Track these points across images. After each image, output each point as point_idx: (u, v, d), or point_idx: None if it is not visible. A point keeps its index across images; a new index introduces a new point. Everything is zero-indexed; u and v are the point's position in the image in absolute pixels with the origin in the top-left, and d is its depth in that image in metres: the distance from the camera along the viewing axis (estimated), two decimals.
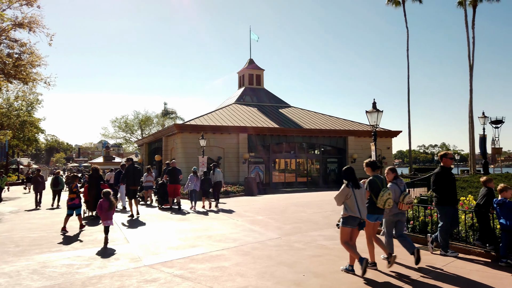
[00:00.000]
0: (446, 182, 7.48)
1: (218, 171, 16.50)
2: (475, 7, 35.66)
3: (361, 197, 6.13)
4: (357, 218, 6.08)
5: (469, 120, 33.23)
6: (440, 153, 7.78)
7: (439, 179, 7.47)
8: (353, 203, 6.03)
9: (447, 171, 7.61)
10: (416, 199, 12.18)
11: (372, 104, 11.05)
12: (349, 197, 6.05)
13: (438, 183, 7.47)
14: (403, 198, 6.72)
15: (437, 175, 7.54)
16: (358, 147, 31.27)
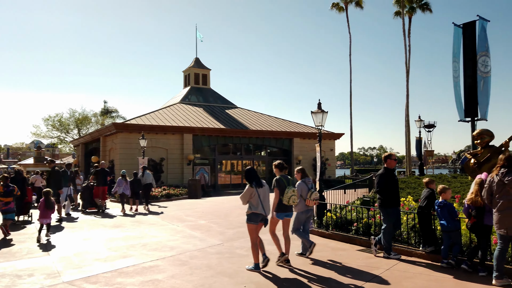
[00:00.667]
0: (390, 183, 7.38)
1: (147, 173, 16.31)
2: (410, 17, 37.79)
3: (264, 195, 6.51)
4: (260, 214, 6.42)
5: (406, 124, 35.04)
6: (384, 154, 7.68)
7: (383, 181, 7.36)
8: (256, 201, 6.39)
9: (390, 172, 7.52)
10: (358, 200, 12.24)
11: (317, 104, 10.89)
12: (253, 196, 6.39)
13: (382, 184, 7.35)
14: (310, 195, 7.35)
15: (381, 177, 7.42)
16: (303, 148, 31.61)
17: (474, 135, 7.79)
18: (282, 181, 6.85)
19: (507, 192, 5.41)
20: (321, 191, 10.78)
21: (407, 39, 35.91)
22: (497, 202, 5.54)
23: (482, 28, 17.63)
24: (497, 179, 5.58)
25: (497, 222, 5.52)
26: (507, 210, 5.37)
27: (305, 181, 7.51)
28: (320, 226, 10.03)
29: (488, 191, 5.72)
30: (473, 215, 6.17)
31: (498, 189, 5.54)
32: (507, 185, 5.42)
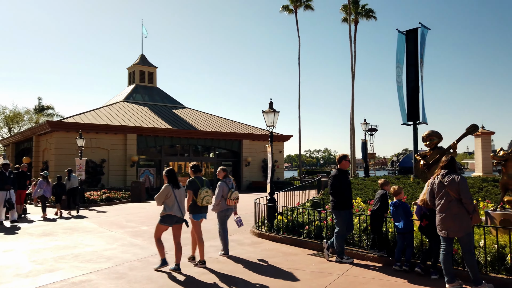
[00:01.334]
0: (343, 185, 7.16)
1: (74, 176, 15.60)
2: (356, 24, 39.11)
3: (181, 196, 6.49)
4: (174, 216, 6.42)
5: (351, 127, 36.09)
6: (339, 155, 7.45)
7: (337, 183, 7.12)
8: (172, 203, 6.37)
9: (344, 174, 7.31)
10: (309, 202, 12.07)
11: (269, 104, 10.53)
12: (169, 197, 6.36)
13: (335, 186, 7.11)
14: (230, 194, 7.55)
15: (334, 178, 7.18)
16: (253, 150, 31.35)
17: (423, 136, 7.83)
18: (195, 183, 6.83)
19: (447, 193, 5.33)
20: (272, 193, 10.42)
21: (353, 45, 37.09)
22: (438, 204, 5.46)
23: (422, 35, 18.43)
24: (437, 180, 5.51)
25: (439, 223, 5.44)
26: (447, 211, 5.30)
27: (226, 181, 7.68)
28: (271, 229, 9.65)
29: (430, 193, 5.63)
30: (425, 217, 6.08)
31: (439, 190, 5.45)
32: (446, 186, 5.35)
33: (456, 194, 5.28)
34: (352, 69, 36.15)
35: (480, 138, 25.26)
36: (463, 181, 5.29)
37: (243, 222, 8.25)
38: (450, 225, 5.29)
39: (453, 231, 5.29)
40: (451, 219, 5.28)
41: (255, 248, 8.49)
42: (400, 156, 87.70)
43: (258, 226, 10.26)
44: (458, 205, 5.27)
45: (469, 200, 5.25)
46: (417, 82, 18.08)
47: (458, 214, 5.25)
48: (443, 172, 5.52)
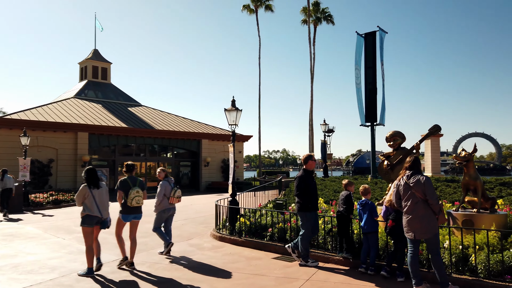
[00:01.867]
0: (310, 186, 6.94)
1: (8, 177, 14.77)
2: (315, 26, 39.70)
3: (101, 197, 6.34)
4: (95, 217, 6.29)
5: (309, 128, 36.56)
6: (304, 155, 7.23)
7: (303, 184, 6.88)
8: (91, 203, 6.25)
9: (310, 174, 7.09)
10: (271, 203, 11.82)
11: (231, 102, 10.14)
12: (87, 197, 6.23)
13: (301, 187, 6.87)
14: (174, 193, 7.71)
15: (300, 179, 6.93)
16: (212, 150, 30.77)
17: (387, 137, 7.81)
18: (126, 183, 6.72)
19: (413, 194, 5.25)
20: (234, 194, 10.03)
21: (312, 47, 37.62)
22: (404, 205, 5.37)
23: (381, 39, 18.84)
24: (403, 181, 5.41)
25: (406, 225, 5.34)
26: (414, 212, 5.21)
27: (168, 180, 7.81)
28: (232, 232, 9.26)
29: (396, 195, 5.52)
30: (392, 218, 5.99)
31: (405, 192, 5.36)
32: (412, 187, 5.26)
33: (422, 195, 5.19)
34: (311, 71, 36.63)
35: (430, 140, 26.38)
36: (428, 182, 5.21)
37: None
38: (417, 226, 5.19)
39: (421, 232, 5.20)
40: (418, 220, 5.19)
41: (216, 253, 8.07)
42: (355, 157, 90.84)
43: (219, 229, 9.85)
44: (424, 206, 5.19)
45: (435, 200, 5.19)
46: (375, 84, 18.47)
47: (424, 215, 5.16)
48: (408, 173, 5.42)
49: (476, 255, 5.57)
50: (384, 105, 18.26)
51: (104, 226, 6.51)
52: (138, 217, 6.95)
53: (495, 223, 6.20)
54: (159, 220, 7.83)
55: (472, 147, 6.82)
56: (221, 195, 22.63)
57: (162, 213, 7.80)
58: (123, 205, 6.73)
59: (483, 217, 6.33)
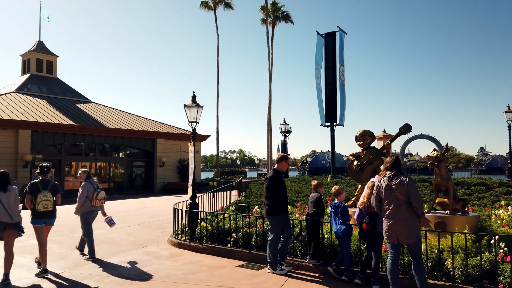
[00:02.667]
0: (280, 188, 6.46)
1: None
2: (274, 26, 39.60)
3: (9, 200, 5.97)
4: (1, 222, 5.90)
5: (268, 128, 36.32)
6: (279, 155, 6.75)
7: (273, 185, 6.38)
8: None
9: (281, 176, 6.61)
10: (233, 206, 11.23)
11: (191, 97, 9.44)
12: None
13: (272, 189, 6.37)
14: (96, 195, 7.46)
15: (271, 180, 6.43)
16: (168, 150, 29.60)
17: (357, 136, 7.52)
18: (36, 186, 6.42)
19: (396, 197, 4.92)
20: (194, 196, 9.33)
21: (271, 46, 37.42)
22: (386, 209, 5.02)
23: (341, 39, 18.88)
24: (384, 183, 5.06)
25: (387, 230, 4.98)
26: (397, 216, 4.87)
27: (90, 182, 7.59)
28: (192, 238, 8.59)
29: (377, 198, 5.16)
30: (366, 222, 5.65)
31: (387, 194, 5.01)
32: (394, 189, 4.93)
33: (405, 197, 4.87)
34: (269, 70, 36.43)
35: (382, 141, 27.19)
36: (412, 183, 4.91)
37: (114, 221, 7.93)
38: (400, 231, 4.86)
39: (404, 237, 4.87)
40: (401, 224, 4.86)
41: (175, 262, 7.36)
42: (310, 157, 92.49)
43: (177, 234, 9.11)
44: (407, 209, 4.87)
45: (419, 203, 4.88)
46: (334, 85, 18.44)
47: (408, 218, 4.85)
48: (389, 174, 5.08)
49: (453, 260, 5.35)
50: (344, 105, 18.29)
51: (19, 230, 6.08)
52: (49, 223, 6.56)
53: (467, 225, 6.06)
54: (86, 224, 7.46)
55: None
56: (178, 197, 21.68)
57: (86, 217, 7.46)
58: (32, 210, 6.42)
59: (455, 219, 6.18)
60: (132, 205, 17.51)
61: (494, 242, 5.17)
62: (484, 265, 5.18)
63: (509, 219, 7.46)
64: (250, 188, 16.14)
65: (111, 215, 8.32)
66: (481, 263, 5.14)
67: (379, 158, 7.24)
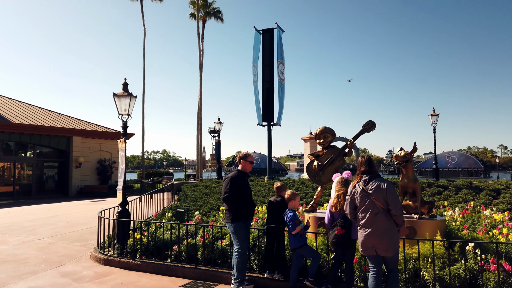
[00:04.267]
0: (244, 190, 5.48)
1: None
2: (204, 22, 38.31)
3: None
4: None
5: (198, 127, 34.91)
6: (241, 153, 5.75)
7: (235, 186, 5.37)
8: None
9: (245, 176, 5.63)
10: (169, 212, 9.90)
11: (122, 85, 7.99)
12: None
13: (233, 190, 5.35)
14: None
15: (232, 180, 5.40)
16: (86, 149, 26.71)
17: (316, 133, 6.84)
18: None
19: (372, 204, 4.23)
20: (125, 203, 7.91)
21: (201, 43, 36.07)
22: (361, 217, 4.29)
23: (279, 37, 18.44)
24: (359, 188, 4.35)
25: (363, 241, 4.25)
26: (374, 226, 4.20)
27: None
28: (122, 253, 7.21)
29: (350, 205, 4.43)
30: (341, 224, 4.87)
31: (362, 201, 4.29)
32: (371, 195, 4.24)
33: (383, 204, 4.20)
34: (200, 67, 35.09)
35: (309, 142, 27.57)
36: (391, 188, 4.23)
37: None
38: (377, 242, 4.19)
39: (382, 249, 4.20)
40: (378, 236, 4.17)
41: (102, 285, 5.98)
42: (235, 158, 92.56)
43: (103, 248, 7.63)
44: (386, 218, 4.20)
45: (399, 211, 4.24)
46: (272, 83, 17.93)
47: (387, 229, 4.18)
48: (364, 178, 4.37)
49: (433, 269, 4.85)
50: (283, 104, 17.87)
51: None
52: None
53: (436, 229, 5.68)
54: None
55: None
56: (99, 201, 19.41)
57: None
58: None
59: (425, 224, 5.77)
60: (43, 212, 15.08)
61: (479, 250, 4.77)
62: (463, 275, 4.76)
63: (463, 220, 7.39)
64: (184, 191, 14.85)
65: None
66: (466, 271, 4.70)
67: (340, 158, 6.64)
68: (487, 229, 6.36)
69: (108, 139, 28.22)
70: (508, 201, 11.32)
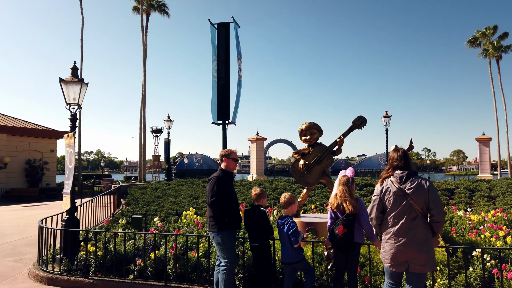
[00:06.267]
0: (230, 193, 4.64)
1: None
2: (148, 15, 36.37)
3: None
4: None
5: (141, 126, 32.93)
6: (225, 150, 4.83)
7: (221, 188, 4.51)
8: None
9: (230, 177, 4.78)
10: (123, 219, 8.64)
11: (71, 69, 6.71)
12: None
13: (220, 194, 4.48)
14: None
15: (218, 182, 4.52)
16: (12, 148, 23.79)
17: (302, 129, 6.20)
18: None
19: (410, 207, 3.50)
20: (73, 209, 6.65)
21: (145, 37, 34.15)
22: (392, 223, 3.57)
23: (236, 32, 17.72)
24: (394, 187, 3.57)
25: (395, 254, 3.52)
26: (410, 234, 3.46)
27: None
28: (71, 270, 6.00)
29: (379, 207, 3.68)
30: (343, 224, 4.20)
31: (396, 202, 3.55)
32: (409, 196, 3.52)
33: (422, 207, 3.51)
34: (144, 63, 33.16)
35: (256, 144, 27.32)
36: (434, 188, 3.58)
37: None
38: (414, 255, 3.47)
39: (419, 264, 3.48)
40: (415, 247, 3.46)
41: None
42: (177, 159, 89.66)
43: (46, 264, 6.33)
44: (425, 225, 3.51)
45: (443, 217, 3.59)
46: (228, 80, 17.12)
47: (426, 239, 3.49)
48: (401, 174, 3.64)
49: (443, 278, 4.42)
50: (238, 102, 17.11)
51: None
52: None
53: None
54: None
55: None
56: (31, 207, 17.14)
57: None
58: None
59: None
60: None
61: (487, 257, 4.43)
62: (475, 284, 4.38)
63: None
64: (132, 194, 13.49)
65: None
66: (476, 281, 4.33)
67: (329, 157, 6.07)
68: (478, 231, 6.17)
69: (39, 138, 25.50)
70: (465, 201, 11.66)
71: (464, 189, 13.26)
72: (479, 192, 12.64)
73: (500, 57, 36.84)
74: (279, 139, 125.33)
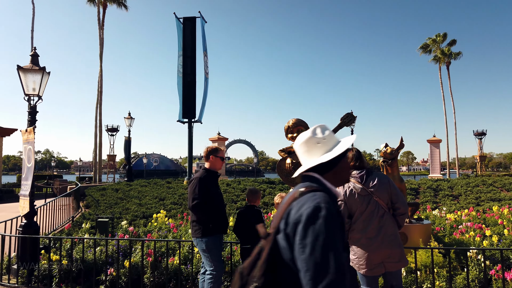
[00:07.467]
0: (214, 195, 4.21)
1: None
2: (105, 8, 34.68)
3: None
4: None
5: (97, 124, 31.29)
6: (209, 147, 4.36)
7: (204, 189, 4.06)
8: None
9: (214, 177, 4.35)
10: (87, 223, 7.86)
11: (31, 56, 5.94)
12: None
13: (202, 195, 4.03)
14: None
15: (201, 184, 4.06)
16: None
17: (289, 126, 5.86)
18: None
19: (377, 205, 3.31)
20: (32, 213, 5.90)
21: (101, 30, 32.50)
22: (362, 227, 3.31)
23: (202, 27, 17.19)
24: (358, 188, 3.37)
25: (370, 258, 3.25)
26: (381, 232, 3.26)
27: None
28: (30, 282, 5.29)
29: (345, 212, 3.38)
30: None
31: (362, 203, 3.33)
32: (374, 193, 3.32)
33: (387, 203, 3.36)
34: (100, 57, 31.53)
35: (217, 144, 27.15)
36: (392, 181, 3.47)
37: None
38: (388, 253, 3.25)
39: (394, 261, 3.28)
40: (388, 244, 3.25)
41: None
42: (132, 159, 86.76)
43: (0, 276, 5.56)
44: (392, 220, 3.34)
45: (407, 208, 3.51)
46: (194, 76, 16.57)
47: (394, 234, 3.31)
48: (359, 174, 3.43)
49: (440, 280, 4.30)
50: (205, 100, 16.59)
51: None
52: None
53: (426, 233, 5.22)
54: None
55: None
56: None
57: None
58: None
59: (415, 228, 5.27)
60: None
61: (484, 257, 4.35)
62: (472, 285, 4.30)
63: None
64: (91, 196, 12.55)
65: None
66: (474, 282, 4.24)
67: None
68: (464, 230, 6.18)
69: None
70: (431, 200, 11.97)
71: (428, 188, 13.69)
72: (443, 191, 13.08)
73: (449, 63, 38.95)
74: (238, 140, 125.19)
